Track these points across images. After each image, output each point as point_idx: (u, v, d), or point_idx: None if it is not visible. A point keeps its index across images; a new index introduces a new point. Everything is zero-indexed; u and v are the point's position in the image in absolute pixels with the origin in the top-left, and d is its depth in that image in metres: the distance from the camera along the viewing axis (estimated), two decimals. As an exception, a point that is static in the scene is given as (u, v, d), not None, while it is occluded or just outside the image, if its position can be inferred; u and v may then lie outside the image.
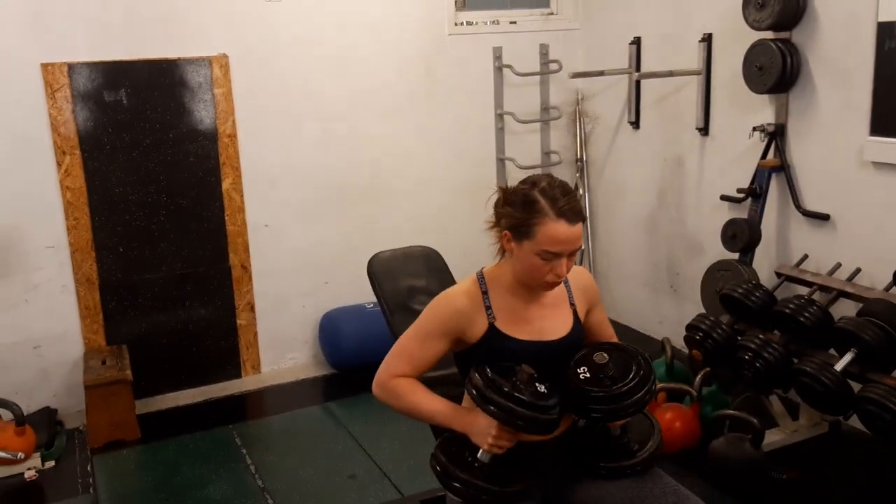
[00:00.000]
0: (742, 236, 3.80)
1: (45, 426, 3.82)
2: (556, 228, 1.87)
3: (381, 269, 2.73)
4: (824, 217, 3.65)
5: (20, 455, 3.54)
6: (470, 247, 4.96)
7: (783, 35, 3.67)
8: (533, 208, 1.88)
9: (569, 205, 1.89)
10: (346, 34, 4.51)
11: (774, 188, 3.88)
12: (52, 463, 3.68)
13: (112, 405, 3.83)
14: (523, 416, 1.84)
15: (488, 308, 2.00)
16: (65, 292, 4.12)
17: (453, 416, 1.99)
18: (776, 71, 3.63)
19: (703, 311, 3.93)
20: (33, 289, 4.04)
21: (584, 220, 2.02)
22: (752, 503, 3.10)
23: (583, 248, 5.20)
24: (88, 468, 3.65)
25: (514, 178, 5.11)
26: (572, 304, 2.11)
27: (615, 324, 5.15)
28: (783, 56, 3.61)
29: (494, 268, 2.08)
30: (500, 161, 5.07)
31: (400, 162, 4.79)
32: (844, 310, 3.45)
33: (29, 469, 3.58)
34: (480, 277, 2.06)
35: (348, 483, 3.41)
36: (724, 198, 4.16)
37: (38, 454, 3.64)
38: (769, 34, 3.70)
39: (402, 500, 3.21)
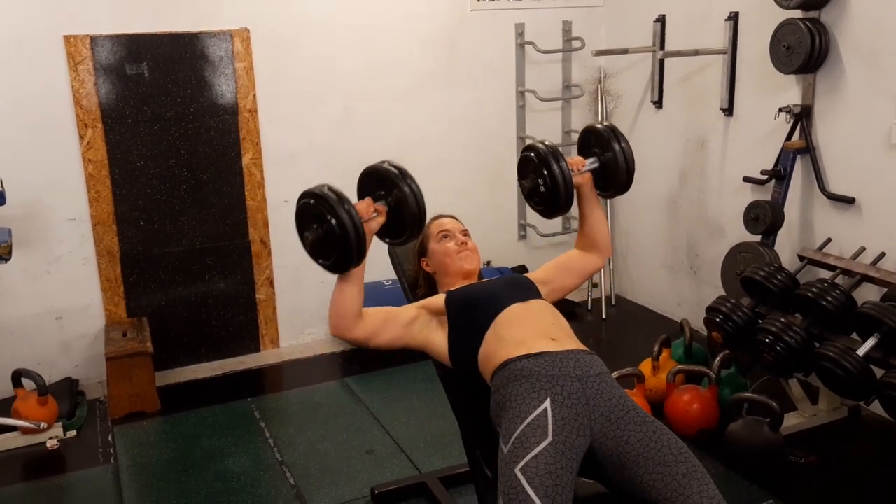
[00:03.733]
0: (765, 219, 3.76)
1: (66, 396, 3.87)
2: (437, 221, 2.62)
3: (402, 249, 2.74)
4: (849, 200, 3.61)
5: (42, 425, 3.59)
6: (490, 225, 4.97)
7: (812, 14, 3.61)
8: (424, 230, 2.48)
9: (442, 215, 2.66)
10: (367, 9, 4.48)
11: (799, 170, 3.84)
12: (74, 433, 3.73)
13: (133, 377, 3.87)
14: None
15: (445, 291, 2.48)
16: (86, 264, 4.15)
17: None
18: (804, 51, 3.57)
19: (722, 293, 3.90)
20: (55, 261, 4.08)
21: (453, 217, 2.69)
22: (770, 487, 3.09)
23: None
24: (109, 438, 3.69)
25: (535, 156, 5.07)
26: None
27: (633, 304, 5.17)
28: (812, 36, 3.55)
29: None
30: (521, 139, 5.04)
31: (420, 140, 4.77)
32: (868, 294, 3.42)
33: (51, 438, 3.63)
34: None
35: (366, 458, 3.44)
36: (747, 179, 4.12)
37: (59, 424, 3.69)
38: (798, 13, 3.64)
39: (419, 476, 3.22)
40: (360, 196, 2.29)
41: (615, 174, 2.51)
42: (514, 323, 2.27)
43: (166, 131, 4.18)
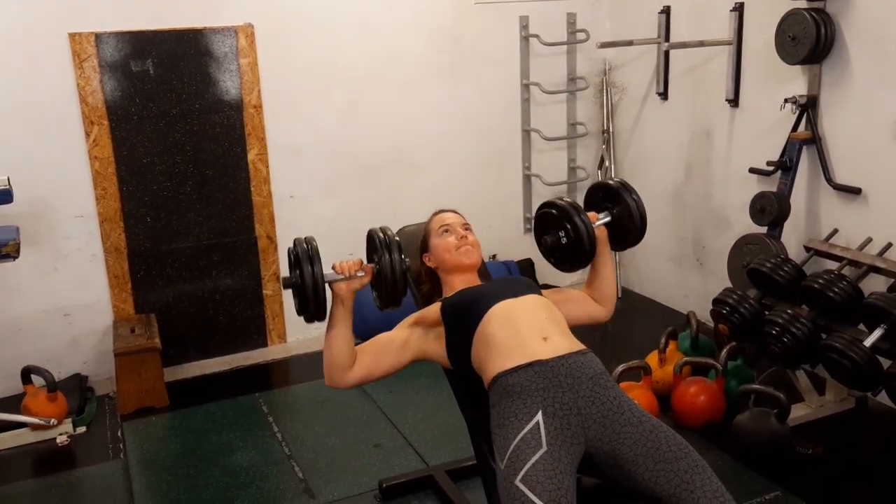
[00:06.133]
0: (771, 210, 3.76)
1: (76, 392, 3.90)
2: (439, 216, 2.61)
3: (407, 243, 2.73)
4: (856, 191, 3.60)
5: (52, 421, 3.62)
6: (496, 218, 4.97)
7: (817, 4, 3.59)
8: (426, 225, 2.62)
9: (443, 210, 2.63)
10: (371, 3, 4.48)
11: (805, 161, 3.83)
12: (84, 429, 3.75)
13: (141, 373, 3.89)
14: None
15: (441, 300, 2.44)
16: (94, 261, 4.17)
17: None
18: (809, 41, 3.55)
19: (729, 285, 3.90)
20: (63, 258, 4.10)
21: (455, 211, 2.64)
22: (777, 478, 3.09)
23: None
24: (119, 434, 3.72)
25: (539, 149, 5.08)
26: None
27: (639, 296, 5.17)
28: (817, 26, 3.53)
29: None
30: (526, 132, 5.04)
31: (425, 133, 4.77)
32: (874, 285, 3.41)
33: (61, 434, 3.66)
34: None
35: (373, 452, 3.45)
36: (753, 171, 4.11)
37: (69, 420, 3.71)
38: (803, 3, 3.62)
39: (426, 470, 3.23)
40: (368, 248, 2.35)
41: (629, 227, 2.48)
42: (503, 321, 2.24)
43: (172, 128, 4.19)
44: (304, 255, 2.19)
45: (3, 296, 4.01)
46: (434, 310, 2.39)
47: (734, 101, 4.22)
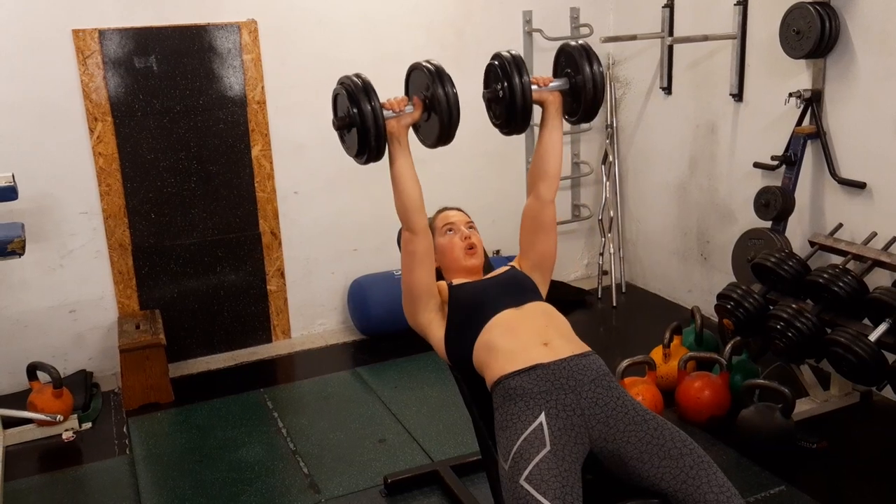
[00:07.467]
0: (775, 204, 3.75)
1: (81, 389, 3.91)
2: (443, 214, 2.60)
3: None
4: (860, 185, 3.59)
5: (58, 417, 3.63)
6: (499, 213, 4.96)
7: (822, -2, 3.59)
8: (430, 223, 2.52)
9: (448, 207, 2.63)
10: (374, -1, 4.49)
11: (809, 156, 3.82)
12: (89, 424, 3.76)
13: (146, 369, 3.90)
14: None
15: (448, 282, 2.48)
16: (99, 258, 4.18)
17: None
18: (814, 35, 3.54)
19: (733, 279, 3.90)
20: (68, 254, 4.11)
21: (459, 209, 2.63)
22: (782, 472, 3.09)
23: (612, 214, 5.16)
24: (124, 430, 3.73)
25: (544, 144, 5.07)
26: None
27: (643, 291, 5.17)
28: (822, 20, 3.52)
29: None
30: (530, 127, 5.02)
31: (428, 128, 4.76)
32: (879, 279, 3.40)
33: (66, 430, 3.67)
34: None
35: (378, 447, 3.46)
36: (757, 165, 4.10)
37: (75, 416, 3.72)
38: (808, -3, 3.62)
39: (431, 465, 3.24)
40: (406, 87, 2.36)
41: (583, 98, 2.41)
42: (505, 330, 2.25)
43: (176, 124, 4.19)
44: (360, 90, 2.14)
45: (9, 292, 4.02)
46: (443, 286, 2.43)
47: (738, 96, 4.22)
